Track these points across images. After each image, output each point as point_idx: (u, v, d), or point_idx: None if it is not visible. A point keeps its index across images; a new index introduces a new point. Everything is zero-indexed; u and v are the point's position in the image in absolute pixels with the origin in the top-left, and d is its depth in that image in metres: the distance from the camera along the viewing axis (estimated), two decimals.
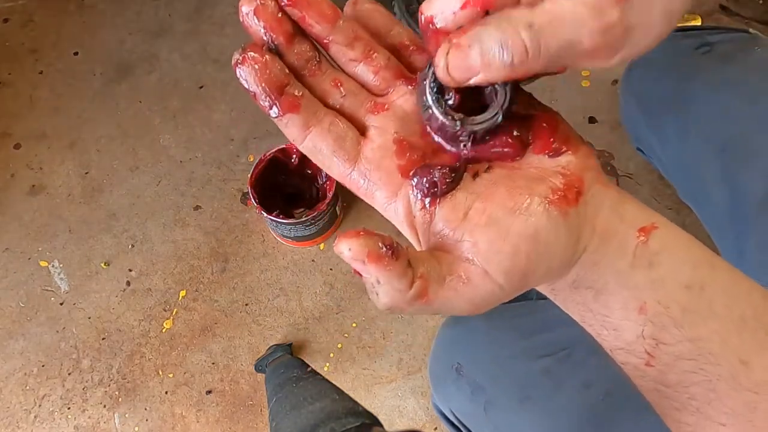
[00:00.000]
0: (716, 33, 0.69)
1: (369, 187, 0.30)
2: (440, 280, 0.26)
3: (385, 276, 0.25)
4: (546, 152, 0.29)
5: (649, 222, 0.29)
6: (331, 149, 0.29)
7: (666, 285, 0.28)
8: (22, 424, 0.95)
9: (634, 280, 0.28)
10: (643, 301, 0.28)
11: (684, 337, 0.28)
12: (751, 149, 0.60)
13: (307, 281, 1.02)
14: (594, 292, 0.29)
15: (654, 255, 0.28)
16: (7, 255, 1.05)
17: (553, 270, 0.28)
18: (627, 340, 0.29)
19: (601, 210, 0.29)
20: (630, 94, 0.78)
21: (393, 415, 0.94)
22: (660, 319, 0.28)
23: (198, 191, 1.09)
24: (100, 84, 1.18)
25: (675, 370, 0.28)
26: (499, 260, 0.27)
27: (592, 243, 0.28)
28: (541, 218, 0.27)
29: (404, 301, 0.25)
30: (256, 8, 0.30)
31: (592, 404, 0.54)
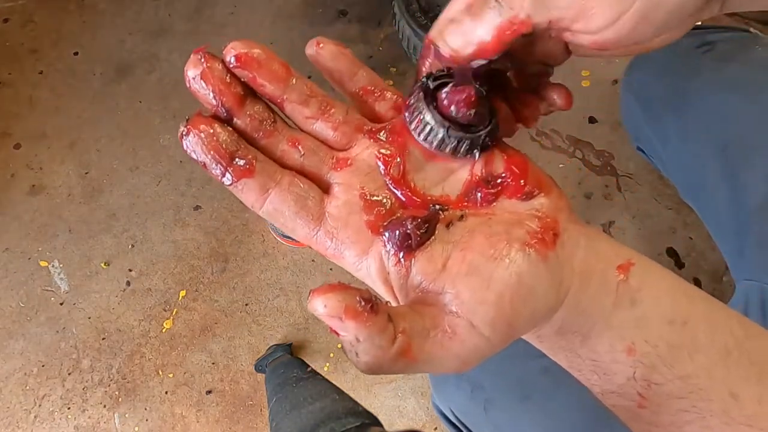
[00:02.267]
0: (717, 32, 0.69)
1: (337, 247, 0.28)
2: (424, 335, 0.24)
3: (365, 333, 0.23)
4: (519, 196, 0.29)
5: (625, 259, 0.28)
6: (293, 210, 0.28)
7: (650, 322, 0.28)
8: (22, 424, 0.95)
9: (619, 319, 0.28)
10: (631, 341, 0.28)
11: (674, 375, 0.28)
12: (752, 148, 0.60)
13: (307, 281, 1.02)
14: (581, 336, 0.28)
15: (635, 292, 0.28)
16: (7, 255, 1.05)
17: (537, 315, 0.27)
18: (618, 383, 0.28)
19: (578, 250, 0.28)
20: (630, 94, 0.78)
21: (393, 415, 0.94)
22: (649, 358, 0.28)
23: (198, 191, 1.09)
24: (100, 84, 1.18)
25: (668, 410, 0.28)
26: (484, 310, 0.25)
27: (574, 284, 0.28)
28: (522, 264, 0.26)
29: (387, 359, 0.23)
30: (202, 72, 0.27)
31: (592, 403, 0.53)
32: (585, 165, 1.07)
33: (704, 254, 1.00)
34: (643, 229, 1.03)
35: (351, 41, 1.18)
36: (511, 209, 0.28)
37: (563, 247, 0.28)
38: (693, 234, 1.01)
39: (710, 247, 1.00)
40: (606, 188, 1.06)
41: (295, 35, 1.21)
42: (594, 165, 1.07)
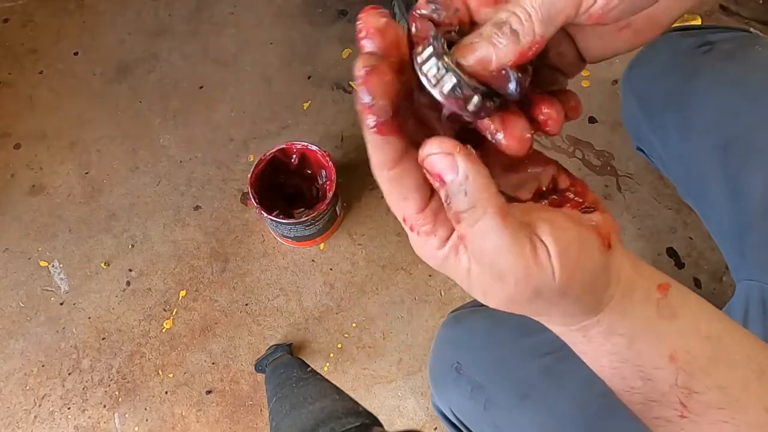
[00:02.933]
0: (717, 32, 0.69)
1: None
2: (519, 222, 0.27)
3: (475, 170, 0.26)
4: (580, 208, 0.31)
5: (665, 281, 0.31)
6: (413, 186, 0.28)
7: (690, 335, 0.30)
8: (22, 424, 0.95)
9: (662, 329, 0.30)
10: (674, 350, 0.29)
11: (713, 384, 0.29)
12: (753, 148, 0.60)
13: (307, 281, 1.02)
14: (627, 339, 0.30)
15: (676, 307, 0.30)
16: (7, 255, 1.05)
17: (585, 293, 0.29)
18: (661, 390, 0.30)
19: (624, 266, 0.30)
20: (630, 93, 0.78)
21: (393, 415, 0.94)
22: (689, 367, 0.29)
23: (198, 191, 1.09)
24: (100, 84, 1.18)
25: (708, 419, 0.29)
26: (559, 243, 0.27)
27: (618, 292, 0.30)
28: (591, 235, 0.28)
29: (491, 203, 0.26)
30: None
31: (592, 402, 0.54)
32: (585, 165, 1.07)
33: (704, 254, 1.00)
34: (643, 229, 1.03)
35: (351, 41, 1.18)
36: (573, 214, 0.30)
37: (613, 256, 0.30)
38: (693, 234, 1.01)
39: (710, 247, 1.00)
40: (606, 188, 1.06)
41: (295, 35, 1.20)
42: (594, 165, 1.07)
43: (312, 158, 0.98)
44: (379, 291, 1.01)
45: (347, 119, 1.12)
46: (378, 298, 1.00)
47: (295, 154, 0.97)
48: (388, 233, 1.04)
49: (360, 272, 1.02)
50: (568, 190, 0.32)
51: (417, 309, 1.00)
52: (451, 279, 1.00)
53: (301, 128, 1.12)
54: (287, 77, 1.17)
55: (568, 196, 0.31)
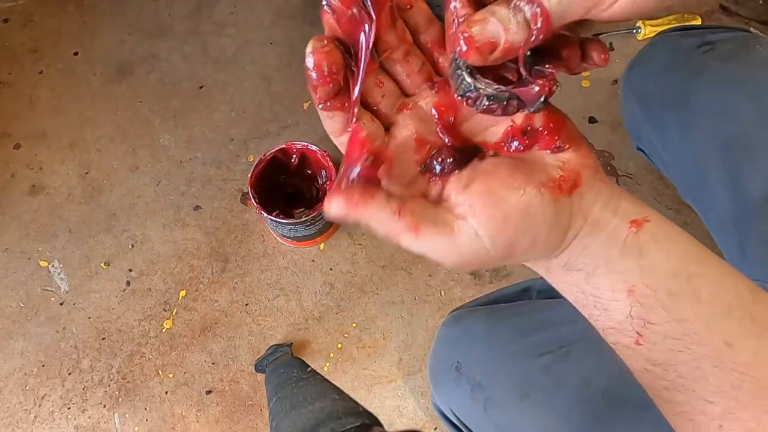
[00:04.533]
0: (717, 32, 0.69)
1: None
2: (433, 222, 0.30)
3: (367, 214, 0.29)
4: (549, 149, 0.32)
5: (641, 216, 0.32)
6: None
7: (654, 271, 0.31)
8: (22, 424, 0.95)
9: (624, 265, 0.31)
10: (632, 284, 0.31)
11: (671, 318, 0.30)
12: (754, 147, 0.60)
13: (307, 281, 1.02)
14: (585, 274, 0.32)
15: (644, 244, 0.31)
16: (7, 255, 1.05)
17: (537, 247, 0.31)
18: (617, 319, 0.31)
19: (596, 204, 0.31)
20: (631, 93, 0.78)
21: (393, 415, 0.94)
22: (647, 300, 0.30)
23: (198, 191, 1.08)
24: (100, 84, 1.18)
25: (662, 348, 0.30)
26: (489, 225, 0.29)
27: (583, 231, 0.31)
28: (534, 197, 0.30)
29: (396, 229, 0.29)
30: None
31: (591, 401, 0.54)
32: None
33: None
34: None
35: None
36: (539, 158, 0.32)
37: (581, 197, 0.31)
38: (693, 234, 1.00)
39: (711, 247, 0.99)
40: None
41: (295, 35, 1.20)
42: None
43: (312, 158, 0.98)
44: (379, 291, 1.01)
45: None
46: (378, 298, 1.00)
47: (295, 154, 0.97)
48: None
49: (360, 272, 1.02)
50: (542, 127, 0.32)
51: (417, 309, 1.00)
52: (451, 279, 1.00)
53: (301, 128, 1.12)
54: (287, 77, 1.17)
55: (539, 136, 0.32)
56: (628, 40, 1.16)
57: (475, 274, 1.01)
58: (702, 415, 0.30)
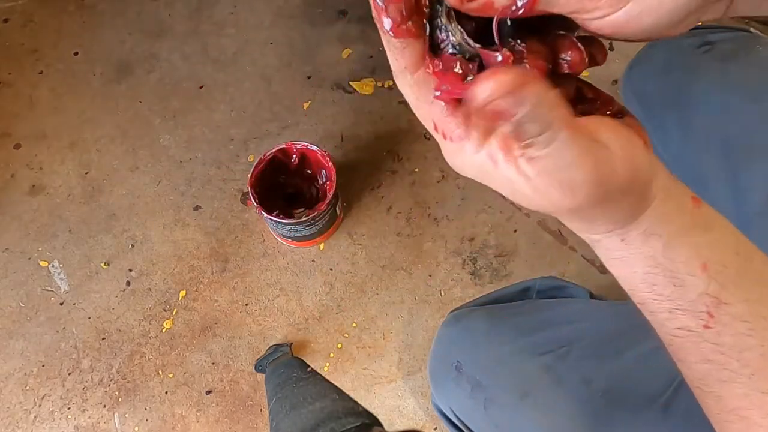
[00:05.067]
0: (717, 32, 0.69)
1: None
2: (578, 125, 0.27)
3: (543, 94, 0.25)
4: (610, 112, 0.31)
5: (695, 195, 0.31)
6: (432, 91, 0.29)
7: (722, 247, 0.30)
8: (22, 424, 0.95)
9: (696, 238, 0.30)
10: (706, 259, 0.30)
11: (742, 298, 0.29)
12: (754, 147, 0.60)
13: (307, 281, 1.02)
14: (663, 242, 0.30)
15: (708, 219, 0.31)
16: (7, 255, 1.05)
17: (641, 189, 0.29)
18: (690, 298, 0.30)
19: (661, 170, 0.30)
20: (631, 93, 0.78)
21: (393, 415, 0.94)
22: (720, 277, 0.30)
23: (198, 191, 1.08)
24: (100, 84, 1.18)
25: (731, 331, 0.30)
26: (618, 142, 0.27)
27: (659, 196, 0.30)
28: (634, 135, 0.29)
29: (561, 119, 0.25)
30: None
31: (592, 401, 0.54)
32: None
33: None
34: None
35: (351, 41, 1.18)
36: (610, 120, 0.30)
37: (652, 158, 0.30)
38: None
39: None
40: None
41: (295, 35, 1.20)
42: None
43: (312, 158, 0.98)
44: (379, 291, 1.01)
45: (347, 119, 1.12)
46: (378, 298, 1.00)
47: (295, 154, 0.97)
48: (388, 233, 1.04)
49: (360, 272, 1.02)
50: (595, 99, 0.31)
51: (417, 309, 1.00)
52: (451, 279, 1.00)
53: (301, 128, 1.12)
54: (287, 77, 1.17)
55: (597, 105, 0.31)
56: None
57: (475, 274, 1.01)
58: (759, 409, 0.29)
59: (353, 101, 1.13)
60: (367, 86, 1.15)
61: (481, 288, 1.00)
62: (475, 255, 1.02)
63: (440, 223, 1.04)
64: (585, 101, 0.31)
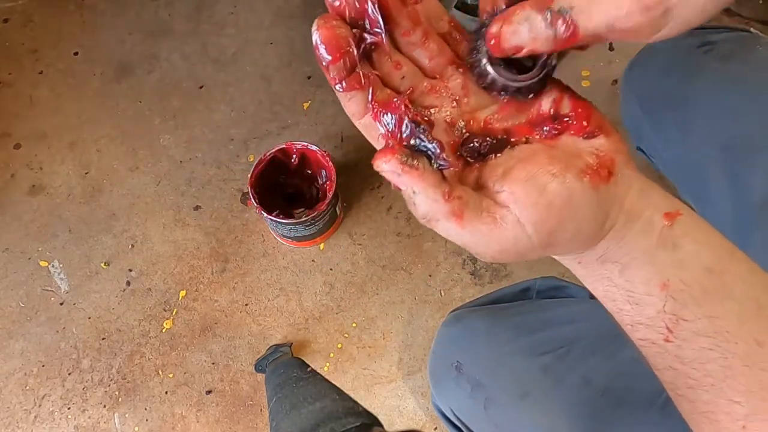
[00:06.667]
0: (717, 32, 0.69)
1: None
2: (477, 210, 0.29)
3: (420, 186, 0.28)
4: (581, 134, 0.31)
5: (674, 209, 0.31)
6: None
7: (688, 266, 0.30)
8: (22, 424, 0.95)
9: (659, 259, 0.30)
10: (667, 278, 0.30)
11: (703, 315, 0.30)
12: (754, 147, 0.60)
13: (307, 281, 1.02)
14: (620, 266, 0.31)
15: (678, 238, 0.30)
16: (7, 255, 1.05)
17: (579, 237, 0.30)
18: (648, 314, 0.31)
19: (630, 192, 0.31)
20: (631, 93, 0.78)
21: (393, 415, 0.94)
22: (681, 296, 0.30)
23: (198, 191, 1.08)
24: (100, 84, 1.18)
25: (693, 345, 0.30)
26: (532, 211, 0.28)
27: (620, 221, 0.30)
28: (576, 185, 0.29)
29: (440, 212, 0.28)
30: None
31: (591, 400, 0.54)
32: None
33: None
34: None
35: None
36: (572, 145, 0.31)
37: (616, 185, 0.30)
38: None
39: None
40: None
41: (295, 35, 1.20)
42: None
43: (312, 158, 0.98)
44: (379, 291, 1.01)
45: (347, 119, 1.11)
46: (378, 298, 1.00)
47: (295, 154, 0.97)
48: (388, 233, 1.04)
49: (360, 272, 1.02)
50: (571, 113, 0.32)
51: (417, 309, 1.00)
52: (451, 279, 1.00)
53: (301, 128, 1.12)
54: (287, 77, 1.17)
55: (570, 122, 0.32)
56: None
57: (475, 274, 1.01)
58: (726, 415, 0.30)
59: None
60: None
61: (481, 288, 1.00)
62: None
63: None
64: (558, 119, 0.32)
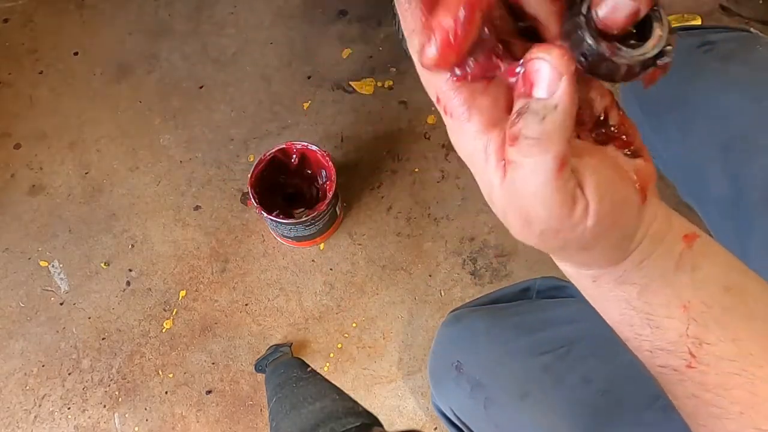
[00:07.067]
0: (717, 32, 0.69)
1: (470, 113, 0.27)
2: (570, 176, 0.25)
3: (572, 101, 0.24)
4: (626, 149, 0.29)
5: (692, 231, 0.30)
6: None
7: (708, 286, 0.29)
8: (22, 424, 0.95)
9: (678, 281, 0.29)
10: (687, 300, 0.29)
11: (726, 337, 0.28)
12: (754, 147, 0.60)
13: (307, 281, 1.02)
14: (638, 288, 0.30)
15: (697, 258, 0.29)
16: (7, 255, 1.05)
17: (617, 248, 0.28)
18: (670, 339, 0.29)
19: (655, 218, 0.29)
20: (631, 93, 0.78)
21: (393, 415, 0.94)
22: (703, 317, 0.29)
23: (198, 191, 1.08)
24: (100, 84, 1.18)
25: (717, 370, 0.29)
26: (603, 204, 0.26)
27: (643, 243, 0.29)
28: (633, 194, 0.28)
29: (558, 147, 0.24)
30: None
31: (592, 400, 0.54)
32: None
33: None
34: None
35: (351, 41, 1.18)
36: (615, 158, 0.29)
37: (647, 208, 0.29)
38: None
39: None
40: None
41: (295, 35, 1.20)
42: None
43: (312, 158, 0.98)
44: (379, 291, 1.01)
45: (347, 119, 1.12)
46: (378, 298, 1.00)
47: (295, 154, 0.97)
48: (388, 233, 1.04)
49: (360, 272, 1.02)
50: (617, 126, 0.30)
51: (417, 309, 1.00)
52: (451, 279, 1.00)
53: (301, 128, 1.12)
54: (287, 77, 1.17)
55: (616, 134, 0.30)
56: None
57: (475, 274, 1.01)
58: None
59: (353, 101, 1.13)
60: (367, 86, 1.15)
61: (481, 288, 1.00)
62: (475, 255, 1.02)
63: (440, 223, 1.04)
64: (606, 126, 0.30)
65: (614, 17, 0.25)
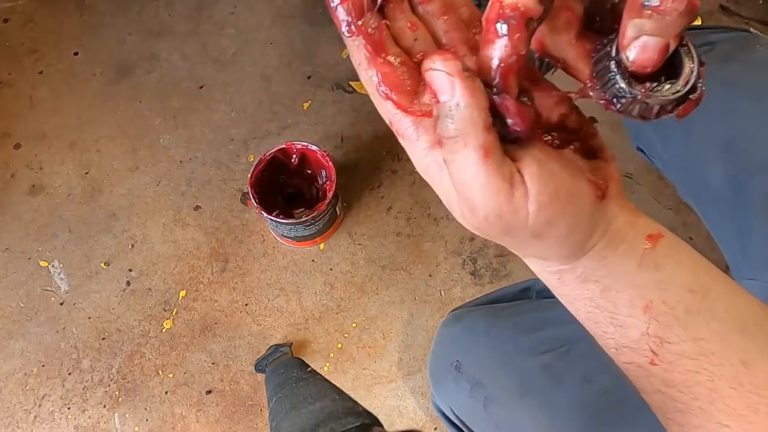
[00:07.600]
0: (717, 32, 0.69)
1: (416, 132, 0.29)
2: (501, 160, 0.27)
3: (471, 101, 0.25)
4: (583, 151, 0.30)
5: (657, 231, 0.31)
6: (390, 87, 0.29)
7: (671, 287, 0.30)
8: (22, 424, 0.95)
9: (641, 280, 0.30)
10: (649, 300, 0.29)
11: (687, 337, 0.29)
12: (754, 147, 0.60)
13: (307, 281, 1.02)
14: (601, 287, 0.30)
15: (660, 258, 0.30)
16: (7, 255, 1.05)
17: (567, 241, 0.29)
18: (632, 337, 0.30)
19: (616, 219, 0.30)
20: None
21: (393, 415, 0.94)
22: (665, 318, 0.29)
23: (198, 191, 1.08)
24: (100, 84, 1.18)
25: (679, 368, 0.29)
26: (543, 190, 0.27)
27: (602, 242, 0.30)
28: (584, 187, 0.28)
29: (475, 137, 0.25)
30: None
31: (592, 399, 0.54)
32: None
33: (704, 254, 0.99)
34: None
35: None
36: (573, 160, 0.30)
37: (606, 208, 0.30)
38: (693, 234, 1.01)
39: (710, 247, 0.99)
40: None
41: (295, 35, 1.20)
42: None
43: (312, 158, 0.98)
44: (379, 291, 1.01)
45: (347, 119, 1.12)
46: (378, 298, 1.00)
47: (295, 154, 0.97)
48: (388, 233, 1.04)
49: (360, 272, 1.02)
50: (575, 130, 0.31)
51: (417, 309, 1.00)
52: (451, 279, 1.00)
53: (301, 128, 1.12)
54: (287, 77, 1.17)
55: (574, 137, 0.30)
56: None
57: (475, 274, 1.01)
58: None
59: (353, 101, 1.13)
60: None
61: (481, 288, 1.00)
62: (475, 255, 1.02)
63: (440, 223, 1.04)
64: (564, 130, 0.30)
65: (644, 57, 0.26)
